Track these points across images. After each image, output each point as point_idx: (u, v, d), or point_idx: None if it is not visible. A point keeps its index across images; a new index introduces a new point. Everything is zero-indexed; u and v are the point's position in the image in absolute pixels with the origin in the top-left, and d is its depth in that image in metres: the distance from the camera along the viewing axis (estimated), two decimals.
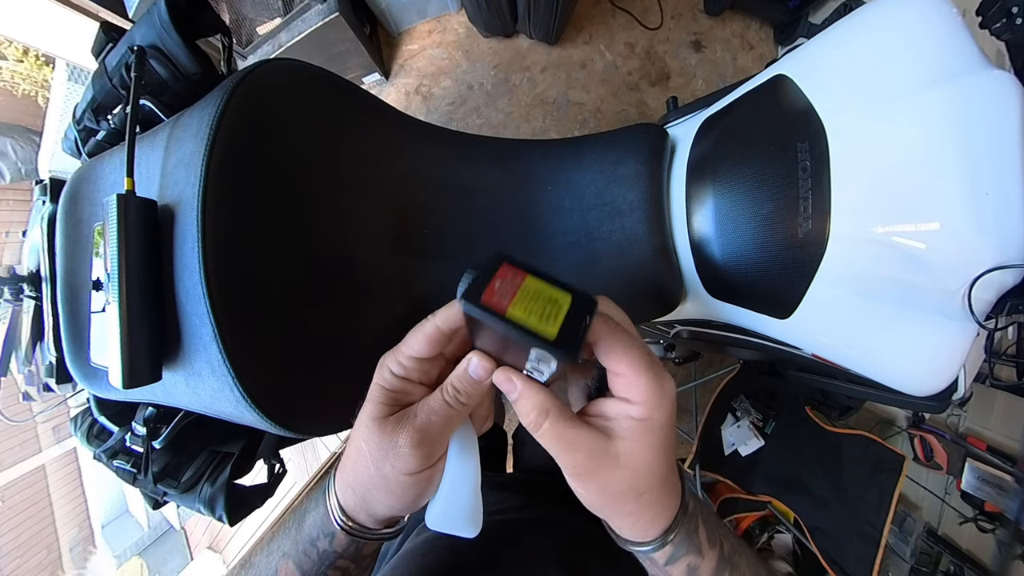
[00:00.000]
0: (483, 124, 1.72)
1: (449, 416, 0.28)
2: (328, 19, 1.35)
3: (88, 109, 0.58)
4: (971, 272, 0.39)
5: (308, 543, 0.32)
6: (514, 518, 0.51)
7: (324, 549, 0.32)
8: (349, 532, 0.31)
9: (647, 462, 0.27)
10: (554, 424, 0.27)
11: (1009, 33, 0.45)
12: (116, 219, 0.41)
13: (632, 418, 0.27)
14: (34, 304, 0.63)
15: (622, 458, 0.27)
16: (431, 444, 0.28)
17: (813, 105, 0.47)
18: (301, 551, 0.32)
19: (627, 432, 0.27)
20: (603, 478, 0.28)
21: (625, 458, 0.27)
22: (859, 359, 0.50)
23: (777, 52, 1.68)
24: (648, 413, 0.27)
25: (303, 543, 0.32)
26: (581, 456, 0.27)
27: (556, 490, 0.61)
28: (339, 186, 0.52)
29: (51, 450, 2.92)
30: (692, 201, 0.57)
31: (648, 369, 0.26)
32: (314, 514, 0.32)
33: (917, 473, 1.29)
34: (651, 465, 0.27)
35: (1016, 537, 0.88)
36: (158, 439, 0.55)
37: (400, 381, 0.29)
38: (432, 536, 0.47)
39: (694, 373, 1.61)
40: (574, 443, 0.27)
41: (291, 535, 0.33)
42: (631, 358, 0.26)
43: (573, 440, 0.27)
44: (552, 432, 0.27)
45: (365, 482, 0.29)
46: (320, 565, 0.32)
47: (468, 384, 0.28)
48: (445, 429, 0.29)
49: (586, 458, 0.27)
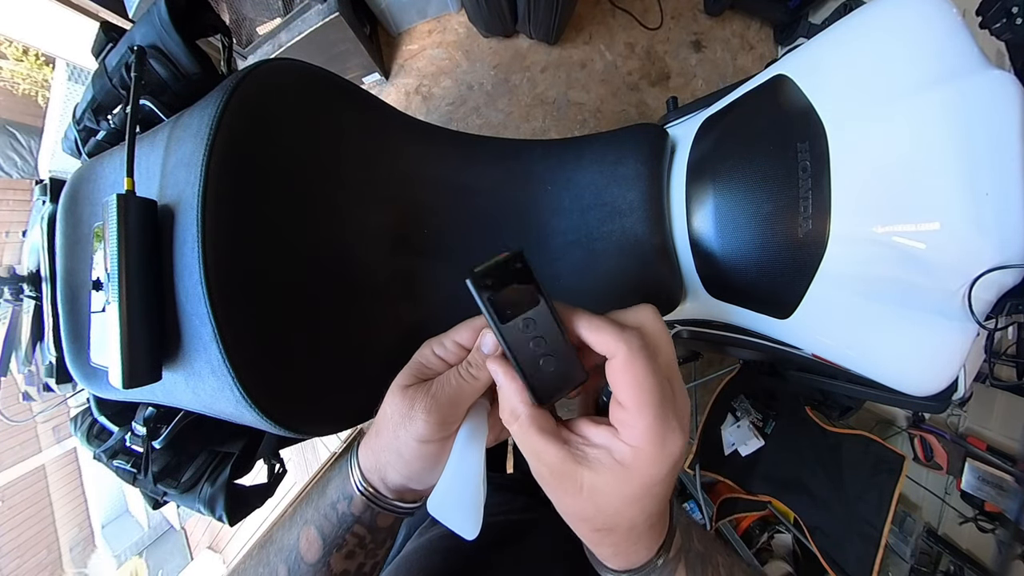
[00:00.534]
0: (483, 124, 1.72)
1: (461, 388, 0.29)
2: (328, 19, 1.35)
3: (88, 109, 0.58)
4: (971, 272, 0.39)
5: (328, 506, 0.33)
6: (516, 519, 0.51)
7: (343, 511, 0.33)
8: (365, 495, 0.32)
9: (614, 506, 0.25)
10: (524, 428, 0.26)
11: (1009, 33, 0.45)
12: (116, 219, 0.41)
13: (614, 459, 0.24)
14: (34, 304, 0.63)
15: (585, 490, 0.25)
16: (442, 413, 0.29)
17: (813, 105, 0.47)
18: (322, 515, 0.33)
19: (601, 468, 0.24)
20: (559, 498, 0.26)
21: (588, 491, 0.25)
22: (859, 359, 0.50)
23: (777, 52, 1.68)
24: (633, 463, 0.24)
25: (324, 507, 0.34)
26: (543, 468, 0.26)
27: None
28: (339, 186, 0.52)
29: (51, 450, 2.92)
30: (692, 201, 0.57)
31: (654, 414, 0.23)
32: (337, 479, 0.34)
33: (917, 473, 1.28)
34: (618, 510, 0.25)
35: (1016, 537, 0.88)
36: (158, 439, 0.55)
37: (438, 361, 0.31)
38: (434, 537, 0.47)
39: (694, 373, 1.61)
40: (538, 454, 0.26)
41: (313, 503, 0.35)
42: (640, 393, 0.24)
43: (537, 451, 0.26)
44: (519, 435, 0.26)
45: (384, 445, 0.31)
46: (339, 527, 0.33)
47: (480, 358, 0.30)
48: (457, 400, 0.29)
49: (548, 472, 0.26)
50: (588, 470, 0.25)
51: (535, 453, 0.26)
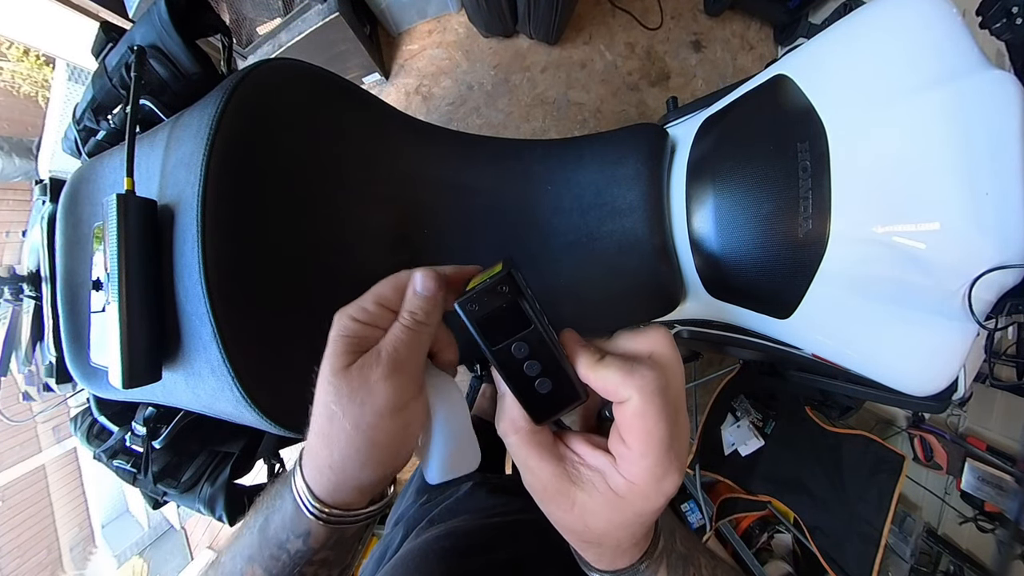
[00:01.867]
0: (483, 124, 1.72)
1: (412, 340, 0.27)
2: (328, 19, 1.35)
3: (88, 109, 0.58)
4: (971, 272, 0.39)
5: (276, 547, 0.29)
6: (513, 520, 0.51)
7: (298, 549, 0.29)
8: (330, 521, 0.28)
9: (602, 528, 0.25)
10: (522, 442, 0.26)
11: (1009, 33, 0.45)
12: (116, 219, 0.41)
13: (608, 486, 0.24)
14: (34, 304, 0.63)
15: (576, 508, 0.25)
16: (402, 372, 0.26)
17: (813, 105, 0.47)
18: (268, 555, 0.29)
19: (595, 493, 0.24)
20: (550, 510, 0.27)
21: (580, 510, 0.25)
22: (859, 359, 0.50)
23: (777, 52, 1.68)
24: (627, 495, 0.24)
25: (270, 547, 0.29)
26: (536, 483, 0.26)
27: None
28: (339, 186, 0.52)
29: (51, 450, 2.91)
30: (692, 201, 0.57)
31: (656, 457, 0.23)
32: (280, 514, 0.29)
33: (917, 473, 1.28)
34: (606, 532, 0.25)
35: (1016, 537, 0.88)
36: (158, 439, 0.55)
37: (366, 327, 0.27)
38: (431, 538, 0.47)
39: (694, 373, 1.61)
40: (532, 469, 0.26)
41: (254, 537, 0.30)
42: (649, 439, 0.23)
43: (532, 467, 0.26)
44: (516, 448, 0.27)
45: (343, 450, 0.26)
46: (294, 566, 0.29)
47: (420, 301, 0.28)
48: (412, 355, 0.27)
49: (540, 487, 0.26)
50: (581, 491, 0.25)
51: (530, 468, 0.26)
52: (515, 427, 0.27)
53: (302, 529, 0.29)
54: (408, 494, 0.72)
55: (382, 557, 0.53)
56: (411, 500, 0.67)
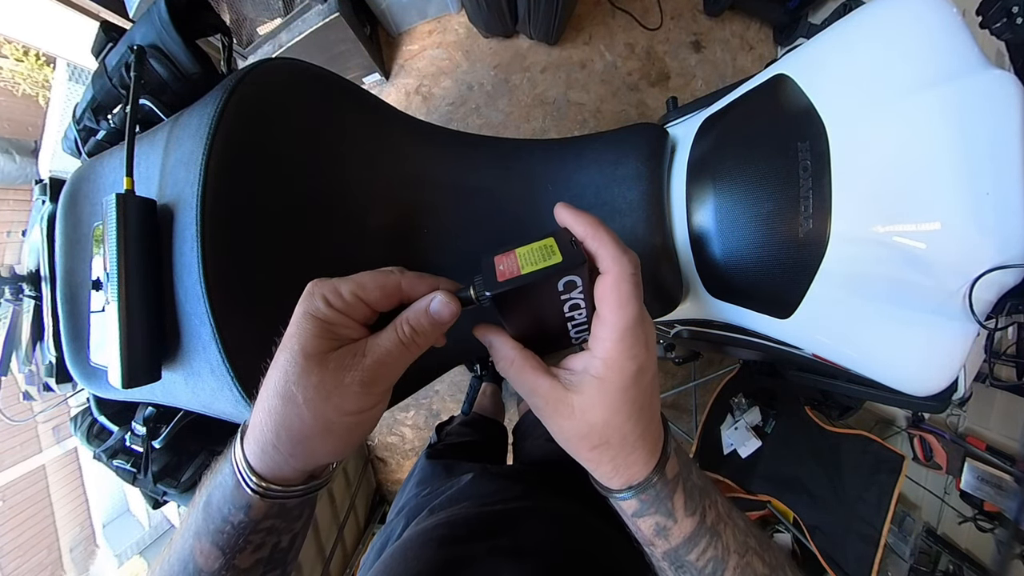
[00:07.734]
0: (483, 124, 1.72)
1: (402, 355, 0.27)
2: (328, 19, 1.35)
3: (88, 109, 0.58)
4: (971, 272, 0.39)
5: (220, 520, 0.29)
6: (512, 507, 0.51)
7: (240, 520, 0.29)
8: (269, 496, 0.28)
9: (602, 418, 0.28)
10: (518, 371, 0.30)
11: (1009, 33, 0.45)
12: (115, 219, 0.41)
13: (590, 375, 0.28)
14: (34, 304, 0.63)
15: (576, 410, 0.28)
16: (382, 384, 0.27)
17: (814, 104, 0.47)
18: (213, 529, 0.29)
19: (583, 388, 0.28)
20: (558, 423, 0.30)
21: (579, 411, 0.28)
22: (859, 359, 0.50)
23: (777, 52, 1.68)
24: (605, 373, 0.28)
25: (214, 521, 0.29)
26: (539, 400, 0.30)
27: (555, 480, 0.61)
28: (339, 186, 0.52)
29: (51, 450, 2.91)
30: (692, 200, 0.57)
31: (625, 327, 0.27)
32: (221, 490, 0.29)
33: (917, 473, 1.29)
34: (607, 421, 0.28)
35: (1015, 537, 0.88)
36: (158, 439, 0.55)
37: (334, 313, 0.26)
38: (429, 527, 0.47)
39: (694, 373, 1.61)
40: (533, 389, 0.30)
41: (199, 514, 0.30)
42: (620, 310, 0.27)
43: (532, 386, 0.30)
44: (515, 377, 0.30)
45: (297, 433, 0.26)
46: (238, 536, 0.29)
47: (427, 323, 0.27)
48: (396, 370, 0.27)
49: (543, 403, 0.29)
50: (575, 394, 0.28)
51: (531, 388, 0.30)
52: (510, 359, 0.30)
53: (242, 502, 0.29)
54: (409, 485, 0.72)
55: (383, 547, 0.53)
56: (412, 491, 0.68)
